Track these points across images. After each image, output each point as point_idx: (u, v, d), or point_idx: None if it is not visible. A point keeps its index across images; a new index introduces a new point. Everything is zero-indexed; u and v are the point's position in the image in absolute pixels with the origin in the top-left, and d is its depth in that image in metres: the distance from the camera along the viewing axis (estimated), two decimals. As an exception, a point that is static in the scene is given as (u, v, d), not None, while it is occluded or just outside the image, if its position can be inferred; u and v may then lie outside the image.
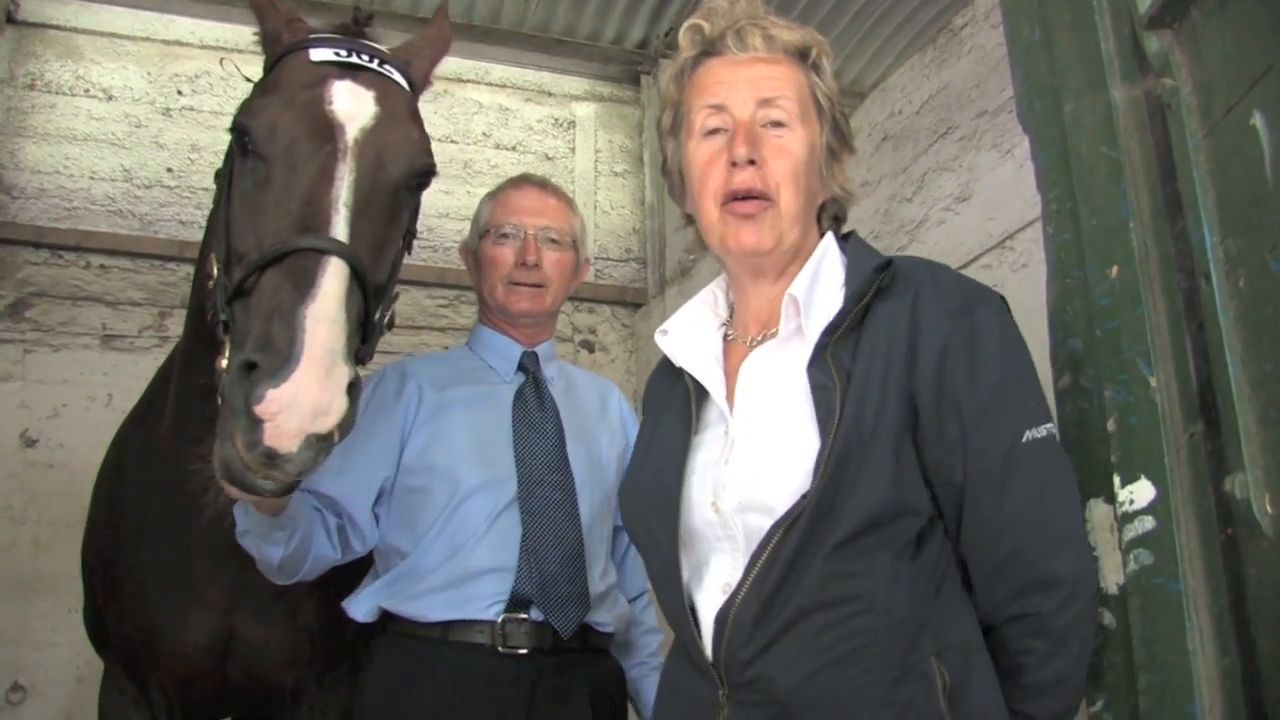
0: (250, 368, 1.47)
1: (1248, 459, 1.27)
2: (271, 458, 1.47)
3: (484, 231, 2.41)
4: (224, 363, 1.61)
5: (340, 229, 1.63)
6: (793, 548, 1.38)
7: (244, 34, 2.44)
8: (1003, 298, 1.52)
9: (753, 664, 1.39)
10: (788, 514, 1.39)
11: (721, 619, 1.43)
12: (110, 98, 5.12)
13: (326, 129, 1.73)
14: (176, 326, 4.76)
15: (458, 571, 2.12)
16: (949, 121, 3.63)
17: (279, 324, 1.49)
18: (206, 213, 2.27)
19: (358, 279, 1.61)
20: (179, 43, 5.23)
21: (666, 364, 1.72)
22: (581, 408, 2.44)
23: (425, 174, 1.88)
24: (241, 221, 1.73)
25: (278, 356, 1.45)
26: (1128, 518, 1.40)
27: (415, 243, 2.01)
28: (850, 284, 1.51)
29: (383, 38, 2.02)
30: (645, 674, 2.40)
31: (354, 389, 1.52)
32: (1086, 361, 1.48)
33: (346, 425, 1.51)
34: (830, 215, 1.67)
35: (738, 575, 1.44)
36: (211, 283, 1.75)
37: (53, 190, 4.90)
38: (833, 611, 1.37)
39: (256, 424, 1.44)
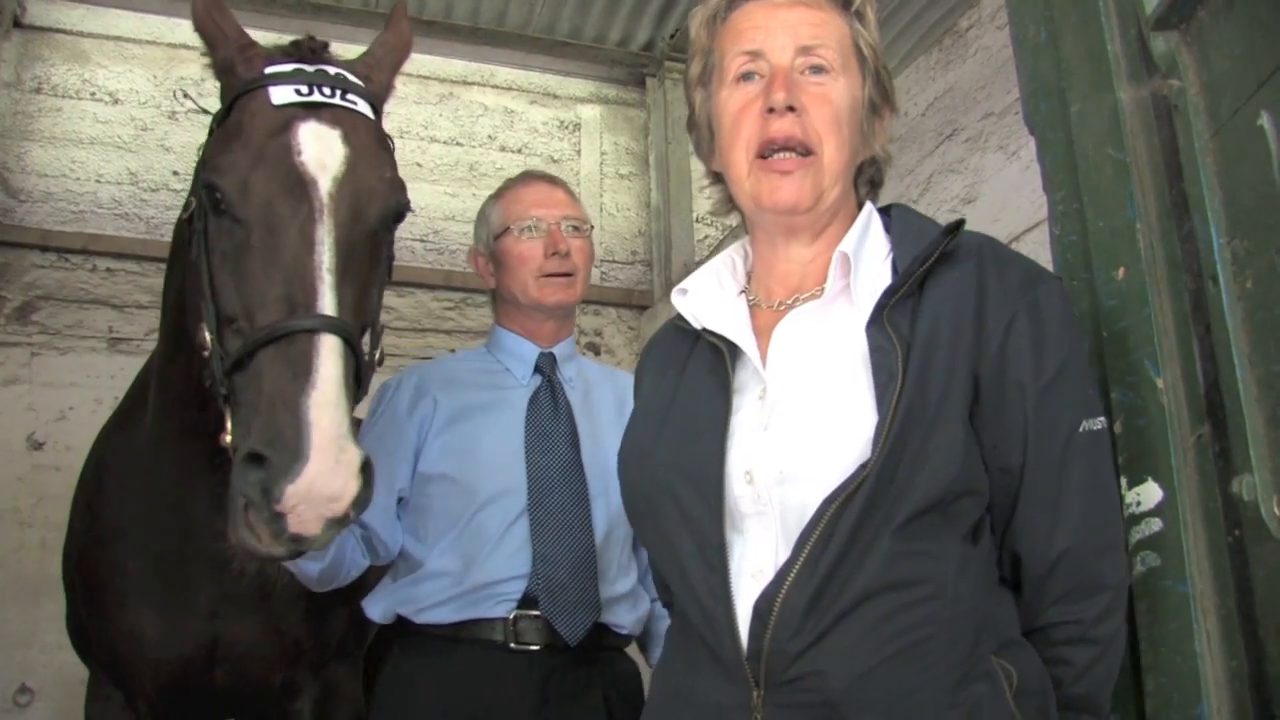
0: (258, 460, 1.51)
1: (1255, 461, 1.26)
2: (297, 541, 1.54)
3: (501, 231, 2.38)
4: (229, 438, 1.63)
5: (328, 301, 1.64)
6: (850, 524, 1.23)
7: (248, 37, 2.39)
8: (1060, 278, 1.42)
9: (802, 658, 1.23)
10: (843, 486, 1.24)
11: (763, 608, 1.26)
12: (116, 101, 5.13)
13: (299, 186, 1.71)
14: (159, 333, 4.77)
15: (470, 582, 2.13)
16: (954, 123, 3.63)
17: (284, 415, 1.52)
18: None
19: (350, 345, 1.64)
20: (184, 46, 5.23)
21: (676, 327, 1.58)
22: (598, 411, 2.40)
23: (401, 211, 1.87)
24: (226, 286, 1.73)
25: (288, 452, 1.49)
26: (1135, 519, 1.39)
27: (421, 245, 2.04)
28: (900, 251, 1.38)
29: (337, 51, 1.97)
30: None
31: (366, 469, 1.56)
32: (1093, 363, 1.48)
33: (362, 504, 1.57)
34: (866, 179, 1.55)
35: (776, 558, 1.29)
36: (206, 352, 1.75)
37: (59, 194, 4.91)
38: (899, 595, 1.23)
39: (279, 517, 1.51)
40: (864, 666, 1.21)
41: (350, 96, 1.84)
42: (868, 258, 1.41)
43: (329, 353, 1.58)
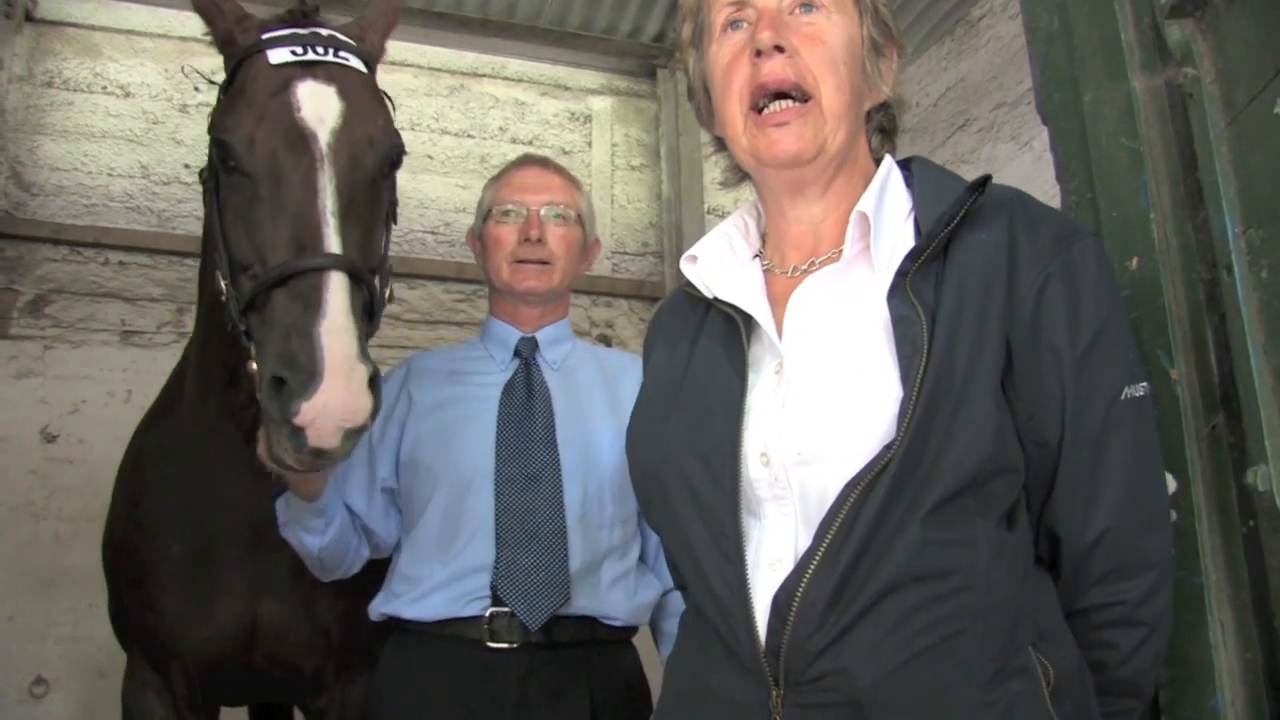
0: (280, 383, 1.64)
1: (1270, 451, 1.26)
2: (317, 454, 1.67)
3: (486, 213, 2.38)
4: (254, 366, 1.75)
5: (333, 241, 1.75)
6: (875, 511, 1.15)
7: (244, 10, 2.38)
8: (1094, 234, 1.33)
9: (824, 656, 1.15)
10: (867, 468, 1.16)
11: (783, 601, 1.18)
12: (128, 94, 5.13)
13: (300, 139, 1.82)
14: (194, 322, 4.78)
15: (443, 573, 2.12)
16: (966, 114, 3.62)
17: (298, 342, 1.65)
18: None
19: (356, 279, 1.74)
20: (195, 39, 5.19)
21: (684, 297, 1.50)
22: (582, 393, 2.35)
23: (397, 155, 1.98)
24: (237, 236, 1.85)
25: (303, 373, 1.62)
26: (1149, 511, 1.38)
27: (432, 238, 2.12)
28: (923, 210, 1.29)
29: (329, 21, 2.05)
30: None
31: (374, 382, 1.68)
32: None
33: (376, 412, 1.69)
34: (876, 127, 1.45)
35: (796, 546, 1.21)
36: (223, 296, 1.86)
37: (71, 187, 4.92)
38: (928, 588, 1.14)
39: (298, 431, 1.63)
40: (891, 664, 1.13)
41: (343, 54, 1.95)
42: (888, 217, 1.32)
43: (336, 286, 1.70)
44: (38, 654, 4.34)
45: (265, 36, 1.92)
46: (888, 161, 1.39)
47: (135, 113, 5.11)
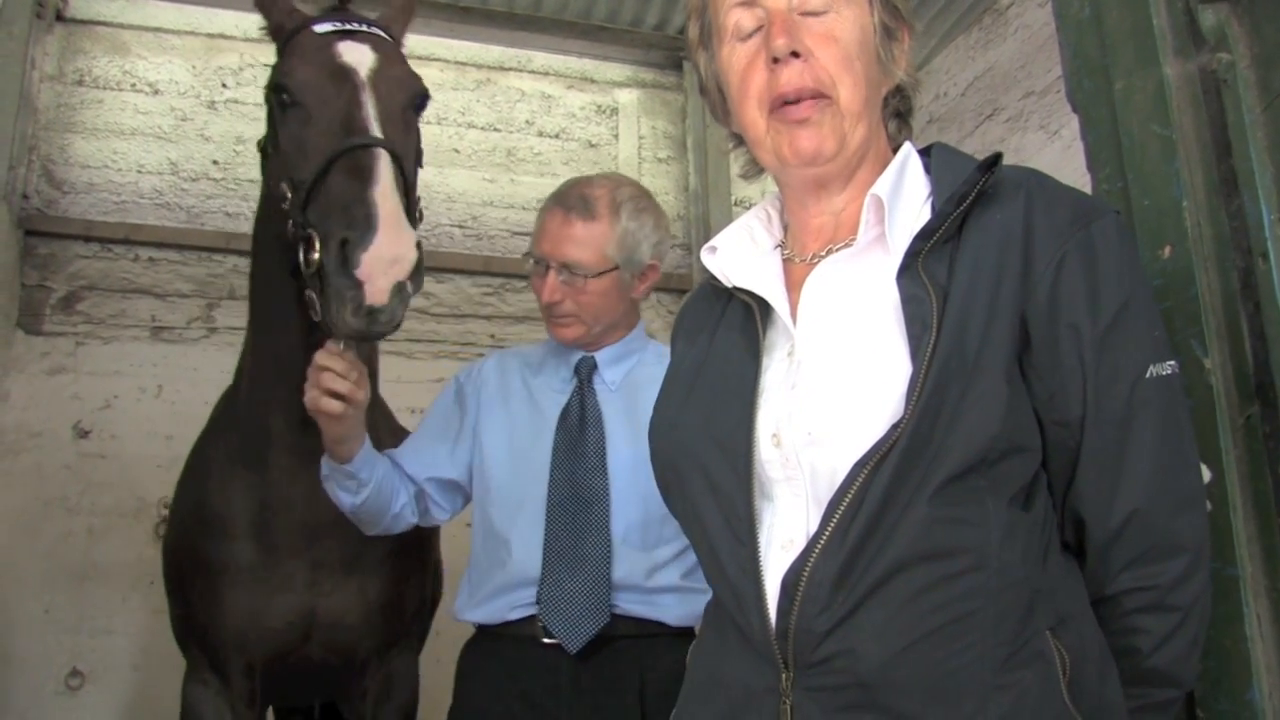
0: (344, 244, 1.89)
1: (1307, 441, 1.24)
2: (372, 314, 1.90)
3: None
4: (316, 254, 1.96)
5: (377, 130, 2.07)
6: (882, 489, 1.13)
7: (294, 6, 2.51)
8: (1118, 212, 1.30)
9: (831, 637, 1.14)
10: (875, 447, 1.15)
11: (790, 582, 1.17)
12: (156, 92, 5.16)
13: (343, 73, 2.16)
14: (224, 317, 4.82)
15: (493, 585, 2.26)
16: (995, 103, 3.60)
17: (357, 207, 1.92)
18: (253, 204, 2.55)
19: (400, 168, 2.04)
20: (222, 36, 5.27)
21: (710, 287, 1.50)
22: (641, 409, 2.31)
23: (423, 97, 2.29)
24: (296, 155, 2.12)
25: (362, 226, 1.89)
26: (1183, 502, 1.37)
27: (460, 231, 2.41)
28: (940, 193, 1.27)
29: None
30: None
31: (420, 248, 1.95)
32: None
33: (418, 273, 1.94)
34: (891, 112, 1.43)
35: (807, 527, 1.21)
36: (286, 204, 2.11)
37: (101, 184, 4.95)
38: (936, 566, 1.13)
39: (358, 288, 1.88)
40: (899, 644, 1.12)
41: (375, 28, 2.31)
42: (905, 201, 1.31)
43: (384, 162, 2.00)
44: (73, 647, 4.39)
45: (311, 18, 2.29)
46: (906, 147, 1.38)
47: (164, 110, 5.14)
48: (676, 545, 2.27)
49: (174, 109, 5.15)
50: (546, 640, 2.17)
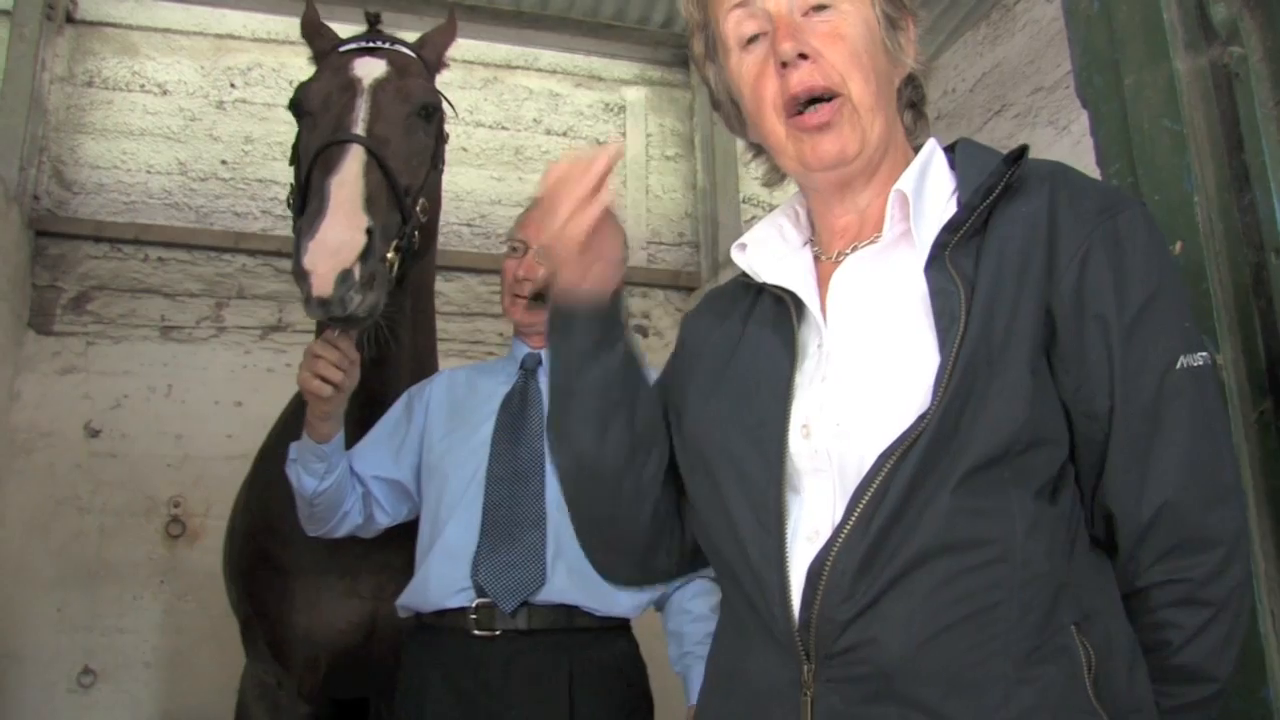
0: (299, 234, 1.97)
1: (1320, 437, 1.24)
2: (323, 304, 1.95)
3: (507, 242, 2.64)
4: None
5: (360, 129, 2.17)
6: (907, 479, 1.13)
7: (294, 25, 2.60)
8: (1144, 203, 1.30)
9: (852, 627, 1.13)
10: (901, 438, 1.14)
11: (814, 573, 1.16)
12: (165, 92, 5.17)
13: (349, 84, 2.29)
14: (233, 317, 4.84)
15: (433, 561, 2.32)
16: (1003, 99, 3.59)
17: (314, 198, 2.02)
18: (261, 204, 2.83)
19: (379, 161, 2.12)
20: (231, 36, 5.28)
21: (737, 284, 1.49)
22: None
23: (432, 106, 2.40)
24: (300, 160, 2.26)
25: (312, 216, 1.96)
26: (1195, 498, 1.36)
27: (468, 230, 2.50)
28: (965, 187, 1.27)
29: (398, 33, 2.61)
30: (691, 664, 2.42)
31: (371, 234, 1.99)
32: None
33: (368, 260, 1.97)
34: (906, 103, 1.42)
35: (833, 518, 1.19)
36: (290, 207, 2.26)
37: (111, 185, 4.97)
38: (959, 557, 1.12)
39: (305, 276, 1.93)
40: (922, 635, 1.11)
41: (398, 45, 2.44)
42: (930, 196, 1.30)
43: (353, 156, 2.09)
44: (85, 645, 4.41)
45: (341, 40, 2.47)
46: (930, 144, 1.37)
47: (173, 110, 5.15)
48: None
49: (183, 109, 5.17)
50: (478, 633, 2.24)
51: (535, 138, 5.70)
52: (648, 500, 1.41)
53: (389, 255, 2.13)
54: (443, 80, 2.61)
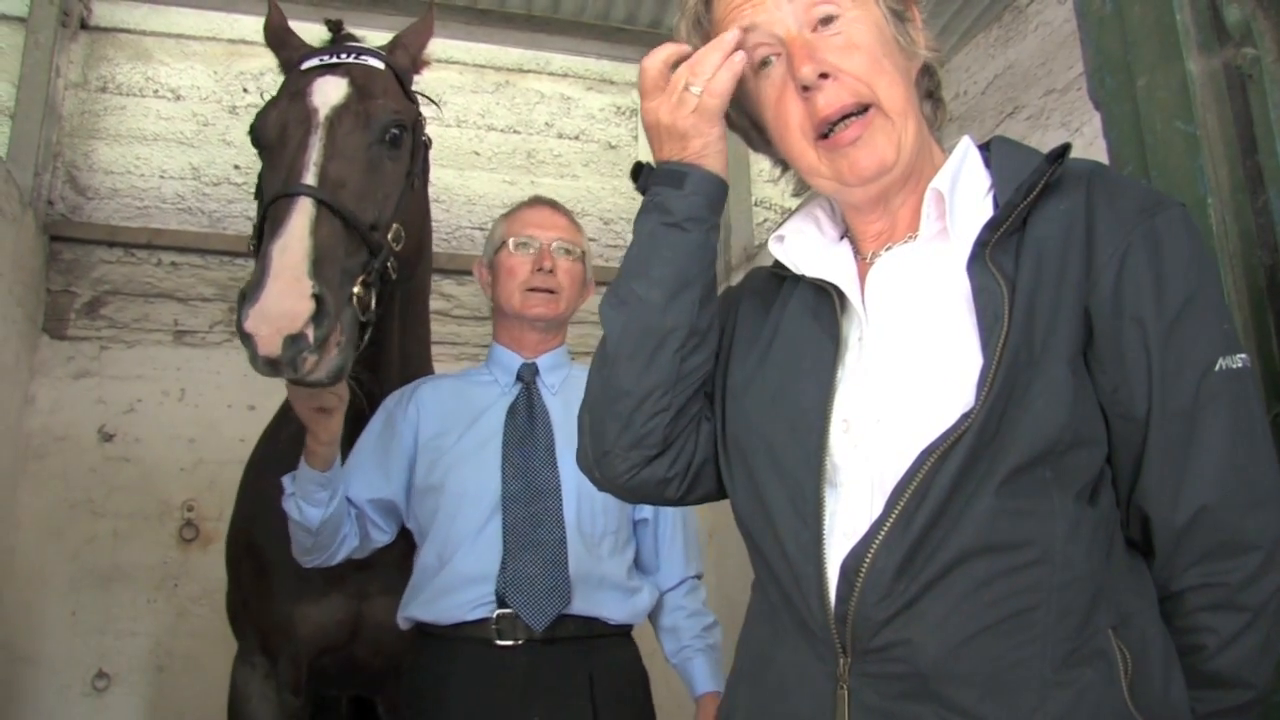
0: (242, 298, 1.89)
1: (1336, 440, 1.23)
2: (269, 364, 1.88)
3: (500, 245, 2.57)
4: None
5: (309, 178, 2.04)
6: (950, 478, 1.12)
7: (307, 30, 2.53)
8: (1183, 204, 1.26)
9: (889, 625, 1.13)
10: (944, 436, 1.13)
11: (851, 569, 1.16)
12: (178, 98, 5.20)
13: (303, 116, 2.16)
14: (246, 321, 4.84)
15: (451, 580, 2.30)
16: (1015, 101, 3.58)
17: (259, 263, 1.93)
18: None
19: (333, 211, 2.02)
20: (243, 41, 5.30)
21: (768, 274, 1.48)
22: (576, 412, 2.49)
23: (400, 127, 2.27)
24: (262, 200, 2.15)
25: (253, 284, 1.88)
26: (1209, 502, 1.36)
27: (480, 234, 2.39)
28: (1002, 186, 1.25)
29: (366, 38, 2.47)
30: (692, 655, 2.48)
31: (320, 298, 1.89)
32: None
33: (319, 325, 1.88)
34: (924, 95, 1.39)
35: (871, 514, 1.18)
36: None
37: (124, 190, 4.99)
38: (999, 559, 1.11)
39: (249, 339, 1.86)
40: (959, 636, 1.11)
41: (364, 57, 2.30)
42: (965, 195, 1.28)
43: (299, 212, 1.98)
44: (99, 648, 4.42)
45: (304, 53, 2.32)
46: (965, 141, 1.36)
47: (185, 115, 5.18)
48: (613, 541, 2.42)
49: (196, 114, 5.19)
50: (500, 643, 2.24)
51: (547, 141, 5.70)
52: (685, 389, 1.36)
53: (356, 290, 2.05)
54: (453, 84, 2.57)
